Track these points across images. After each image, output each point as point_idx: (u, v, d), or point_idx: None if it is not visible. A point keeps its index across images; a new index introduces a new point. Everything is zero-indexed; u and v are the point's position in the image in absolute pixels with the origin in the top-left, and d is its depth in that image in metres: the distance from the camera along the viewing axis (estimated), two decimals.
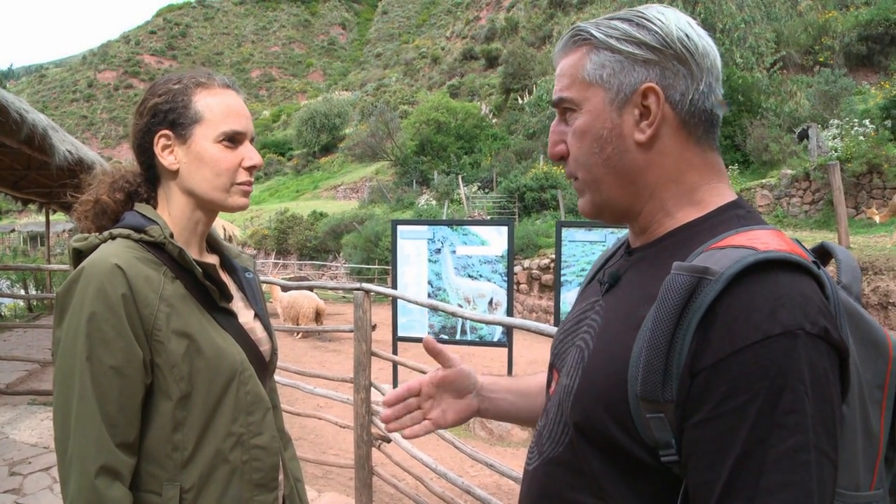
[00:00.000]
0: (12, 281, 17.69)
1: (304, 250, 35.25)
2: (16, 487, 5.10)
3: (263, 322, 1.80)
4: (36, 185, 13.86)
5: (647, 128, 1.07)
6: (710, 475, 0.87)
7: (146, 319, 1.46)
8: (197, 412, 1.51)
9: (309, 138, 67.94)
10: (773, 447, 0.84)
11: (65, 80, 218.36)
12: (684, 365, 0.90)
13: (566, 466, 1.09)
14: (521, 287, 19.34)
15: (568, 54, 1.16)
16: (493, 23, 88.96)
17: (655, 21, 1.08)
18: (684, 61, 1.07)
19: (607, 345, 1.05)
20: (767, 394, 0.84)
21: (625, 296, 1.11)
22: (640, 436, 0.95)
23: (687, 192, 1.10)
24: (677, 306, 0.91)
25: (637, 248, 1.17)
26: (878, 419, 0.98)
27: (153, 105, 1.60)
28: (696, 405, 0.89)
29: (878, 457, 0.98)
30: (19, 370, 8.76)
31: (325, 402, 7.59)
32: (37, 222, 46.96)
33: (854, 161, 17.10)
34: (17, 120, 7.39)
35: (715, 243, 0.99)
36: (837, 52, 28.89)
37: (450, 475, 4.11)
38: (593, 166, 1.12)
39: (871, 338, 0.99)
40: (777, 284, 0.89)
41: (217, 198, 1.62)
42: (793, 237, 1.02)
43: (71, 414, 1.39)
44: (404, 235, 8.95)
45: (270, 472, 1.64)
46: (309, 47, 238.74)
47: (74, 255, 1.55)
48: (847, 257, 1.12)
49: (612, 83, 1.09)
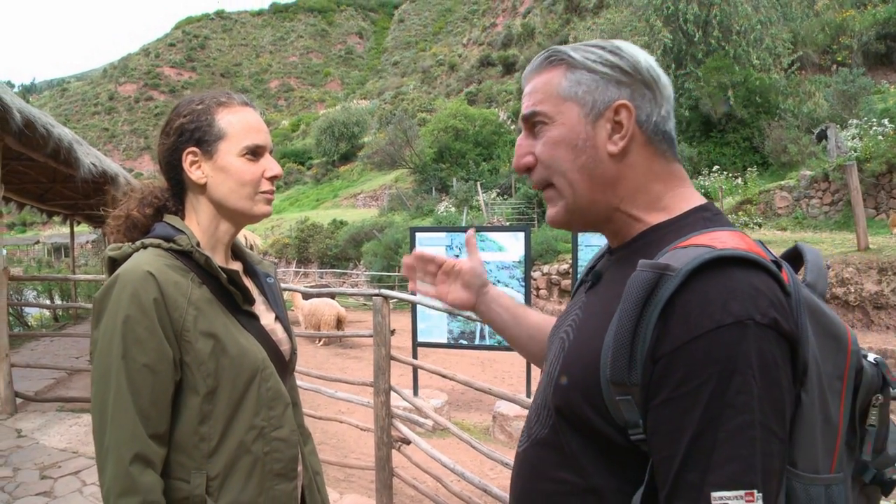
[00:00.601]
0: (38, 291, 17.93)
1: (324, 258, 35.36)
2: (47, 490, 5.23)
3: (284, 324, 1.92)
4: (61, 197, 14.07)
5: (620, 140, 1.19)
6: (670, 451, 0.98)
7: (176, 321, 1.58)
8: (222, 406, 1.63)
9: (328, 147, 68.24)
10: (724, 425, 0.94)
11: (86, 94, 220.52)
12: (647, 351, 1.01)
13: (551, 447, 1.19)
14: (541, 292, 19.37)
15: (541, 73, 1.27)
16: (509, 29, 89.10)
17: (626, 51, 1.21)
18: (651, 87, 1.20)
19: (585, 336, 1.16)
20: (719, 377, 0.94)
21: (603, 292, 1.22)
22: (612, 417, 1.06)
23: (653, 199, 1.22)
24: (640, 299, 1.02)
25: (616, 249, 1.28)
26: (837, 408, 1.06)
27: (179, 125, 1.72)
28: (657, 388, 1.00)
29: (837, 442, 1.05)
30: (47, 378, 8.93)
31: (347, 408, 7.68)
32: (60, 234, 47.46)
33: (873, 161, 17.00)
34: (44, 134, 7.54)
35: (680, 243, 1.10)
36: (855, 51, 28.69)
37: (467, 475, 4.18)
38: (568, 172, 1.23)
39: (832, 332, 1.07)
40: (730, 279, 0.98)
41: (243, 207, 1.74)
42: (812, 238, 1.11)
43: (108, 408, 1.51)
44: (423, 242, 9.03)
45: (290, 462, 1.76)
46: (326, 57, 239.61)
47: (109, 264, 1.68)
48: (814, 257, 1.21)
49: (587, 99, 1.20)
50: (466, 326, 8.64)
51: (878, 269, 12.35)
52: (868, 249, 13.06)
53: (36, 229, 73.36)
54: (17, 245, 59.59)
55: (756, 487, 0.92)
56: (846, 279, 12.56)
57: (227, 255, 1.85)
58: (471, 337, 8.72)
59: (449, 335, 8.77)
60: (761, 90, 25.28)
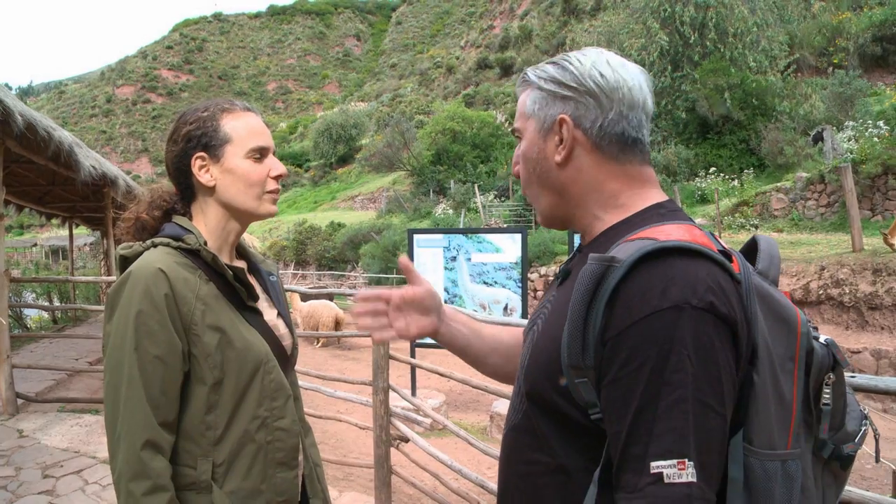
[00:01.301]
0: (37, 294, 17.95)
1: (322, 261, 35.36)
2: (49, 489, 5.29)
3: (285, 320, 2.02)
4: (60, 199, 14.13)
5: (562, 150, 1.32)
6: (618, 426, 1.07)
7: (185, 316, 1.68)
8: (227, 396, 1.73)
9: (326, 150, 68.21)
10: (662, 400, 1.02)
11: (84, 96, 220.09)
12: (597, 336, 1.10)
13: (525, 431, 1.29)
14: (538, 294, 19.39)
15: (520, 93, 1.42)
16: (507, 31, 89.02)
17: (574, 62, 1.31)
18: (594, 95, 1.28)
19: (550, 327, 1.26)
20: (657, 357, 1.03)
21: (568, 287, 1.29)
22: (574, 399, 1.15)
23: (609, 198, 1.32)
24: (590, 289, 1.11)
25: (583, 247, 1.38)
26: (790, 387, 1.12)
27: (187, 132, 1.82)
28: (606, 369, 1.09)
29: (792, 420, 1.12)
30: (48, 379, 8.95)
31: (346, 407, 7.73)
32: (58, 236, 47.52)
33: (869, 163, 17.07)
34: (45, 137, 7.59)
35: (629, 237, 1.19)
36: (852, 53, 28.73)
37: (464, 471, 4.24)
38: (531, 184, 1.41)
39: (782, 315, 1.14)
40: (670, 267, 1.07)
41: (250, 206, 1.84)
42: (808, 240, 1.19)
43: (120, 397, 1.61)
44: (421, 244, 9.10)
45: (291, 451, 1.86)
46: (324, 59, 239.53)
47: (121, 262, 1.78)
48: (767, 246, 1.29)
49: (540, 115, 1.35)
50: None
51: (872, 270, 12.42)
52: (863, 251, 13.14)
53: (33, 232, 73.37)
54: (15, 248, 59.55)
55: (688, 457, 1.00)
56: (841, 280, 12.63)
57: (232, 254, 1.94)
58: None
59: None
60: (758, 92, 25.33)
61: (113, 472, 1.62)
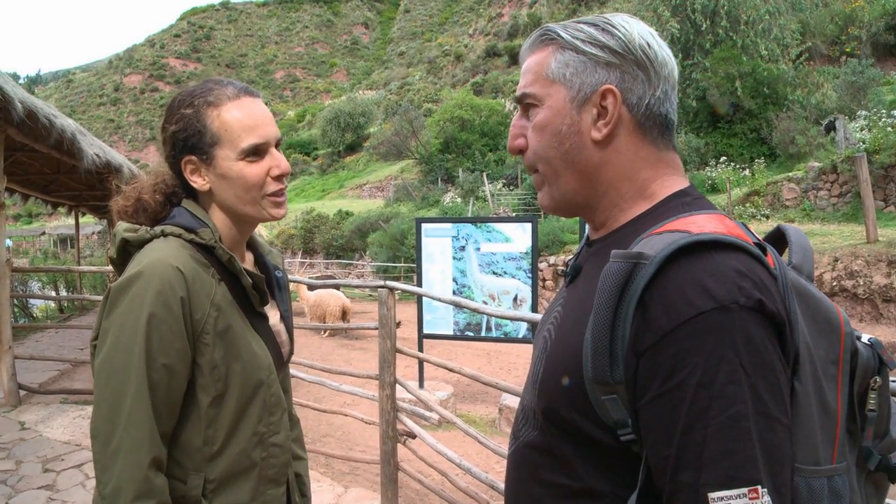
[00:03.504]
0: (44, 283, 17.94)
1: (330, 249, 35.33)
2: (49, 483, 5.20)
3: (287, 324, 1.87)
4: (65, 188, 14.05)
5: (604, 127, 1.13)
6: (664, 451, 0.92)
7: (196, 323, 1.52)
8: (228, 411, 1.58)
9: (334, 138, 68.14)
10: (714, 418, 0.87)
11: (91, 85, 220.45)
12: (628, 346, 0.95)
13: (539, 449, 1.14)
14: (547, 283, 19.30)
15: (534, 52, 1.21)
16: (515, 19, 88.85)
17: (620, 28, 1.13)
18: (644, 67, 1.13)
19: (565, 335, 1.11)
20: (705, 367, 0.89)
21: (582, 287, 1.16)
22: (599, 418, 1.00)
23: (640, 187, 1.16)
24: (615, 292, 0.96)
25: (595, 241, 1.22)
26: (834, 394, 1.00)
27: (172, 134, 1.64)
28: (644, 385, 0.94)
29: (837, 431, 1.00)
30: (51, 370, 8.90)
31: (352, 400, 7.64)
32: (66, 225, 47.57)
33: (882, 153, 16.86)
34: (47, 125, 7.49)
35: (654, 230, 1.04)
36: (864, 42, 28.46)
37: (474, 470, 4.14)
38: (552, 159, 1.18)
39: (822, 315, 1.02)
40: (709, 262, 0.93)
41: (250, 212, 1.66)
42: (820, 230, 1.05)
43: (122, 407, 1.44)
44: (429, 233, 8.99)
45: (282, 468, 1.74)
46: (332, 47, 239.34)
47: (122, 245, 1.59)
48: (799, 238, 1.16)
49: (574, 82, 1.14)
50: (473, 318, 8.59)
51: (887, 262, 12.24)
52: (877, 242, 12.96)
53: (42, 220, 73.50)
54: (23, 236, 59.78)
55: (759, 483, 0.86)
56: (855, 272, 12.47)
57: (243, 249, 1.79)
58: (477, 329, 8.67)
59: (455, 327, 8.72)
60: (769, 81, 25.08)
61: (103, 484, 1.44)
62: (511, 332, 8.58)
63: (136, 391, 1.44)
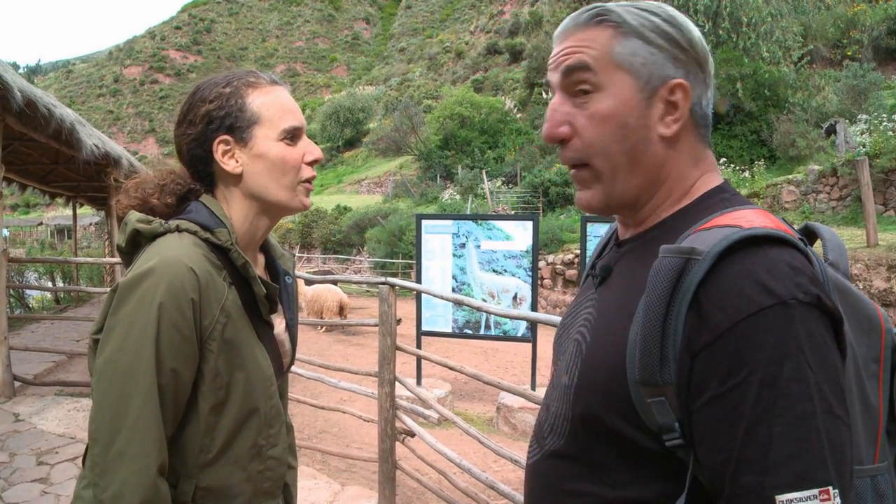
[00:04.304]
0: (40, 273, 17.88)
1: (328, 244, 35.36)
2: (43, 477, 5.15)
3: (291, 332, 1.80)
4: (63, 178, 14.00)
5: (673, 123, 1.08)
6: (723, 455, 0.88)
7: (204, 328, 1.46)
8: (228, 421, 1.52)
9: (333, 133, 68.30)
10: (780, 417, 0.84)
11: (91, 76, 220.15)
12: (681, 345, 0.91)
13: (569, 458, 1.09)
14: (546, 282, 19.27)
15: (588, 30, 1.11)
16: (517, 17, 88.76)
17: (682, 22, 1.09)
18: (702, 67, 1.11)
19: (604, 336, 1.06)
20: (767, 365, 0.85)
21: (617, 287, 1.11)
22: (643, 422, 0.96)
23: (687, 186, 1.12)
24: (667, 288, 0.92)
25: (627, 240, 1.17)
26: (875, 392, 0.99)
27: (206, 112, 1.55)
28: (700, 386, 0.90)
29: (880, 429, 0.98)
30: (47, 361, 8.85)
31: (349, 396, 7.59)
32: (63, 216, 47.55)
33: (882, 157, 16.86)
34: (46, 115, 7.45)
35: (701, 226, 1.01)
36: (866, 45, 28.47)
37: (473, 470, 4.10)
38: (614, 154, 1.09)
39: (863, 312, 1.01)
40: (765, 258, 0.90)
41: (283, 198, 1.59)
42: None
43: (128, 410, 1.38)
44: (429, 230, 8.95)
45: (278, 481, 1.68)
46: (333, 42, 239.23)
47: (132, 236, 1.52)
48: (832, 236, 1.15)
49: (643, 73, 1.07)
50: (472, 316, 8.55)
51: (887, 266, 12.22)
52: (878, 246, 12.94)
53: (39, 211, 73.45)
54: (21, 226, 59.67)
55: (830, 483, 0.82)
56: (855, 275, 12.44)
57: (256, 252, 1.72)
58: (475, 327, 8.63)
59: (454, 324, 8.68)
60: (770, 83, 25.09)
61: (101, 488, 1.37)
62: (510, 331, 8.54)
63: (144, 395, 1.39)
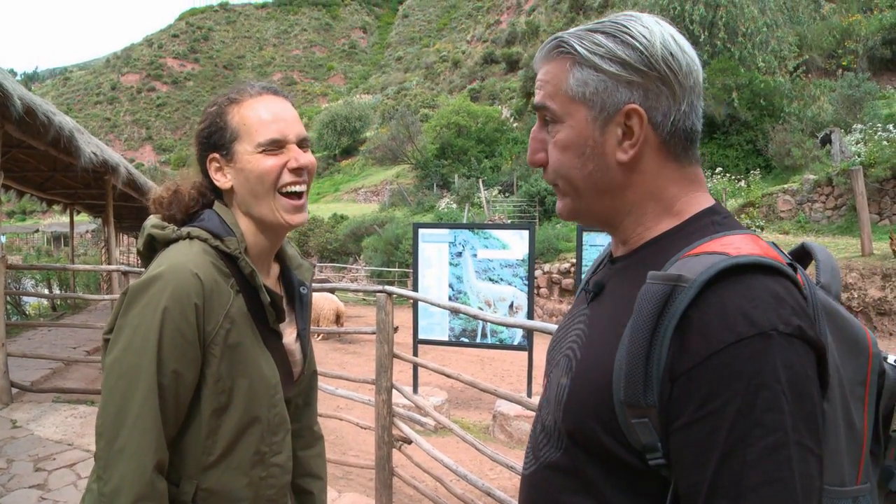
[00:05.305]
0: (37, 280, 17.87)
1: (324, 252, 35.33)
2: (41, 483, 5.16)
3: (303, 342, 1.83)
4: (61, 186, 14.02)
5: (630, 148, 1.08)
6: (697, 477, 0.90)
7: (208, 333, 1.51)
8: (230, 425, 1.56)
9: (330, 141, 68.28)
10: (753, 446, 0.86)
11: (88, 83, 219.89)
12: (664, 370, 0.93)
13: (563, 471, 1.11)
14: (542, 291, 19.31)
15: (550, 62, 1.14)
16: (513, 27, 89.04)
17: (640, 39, 1.07)
18: (668, 82, 1.07)
19: (593, 354, 1.08)
20: (745, 394, 0.87)
21: (608, 305, 1.13)
22: (628, 441, 0.98)
23: (666, 206, 1.12)
24: (653, 314, 0.95)
25: (619, 258, 1.19)
26: (860, 414, 1.00)
27: (198, 132, 1.67)
28: (678, 409, 0.92)
29: (863, 451, 0.99)
30: (44, 368, 8.85)
31: (346, 404, 7.61)
32: (60, 223, 47.43)
33: (877, 166, 16.95)
34: (45, 122, 7.47)
35: (690, 251, 1.02)
36: (861, 55, 28.60)
37: (470, 477, 4.12)
38: (575, 179, 1.13)
39: (851, 336, 1.01)
40: (749, 287, 0.92)
41: (264, 213, 1.62)
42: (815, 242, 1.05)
43: (129, 407, 1.43)
44: (426, 238, 8.98)
45: (282, 489, 1.71)
46: (330, 51, 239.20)
47: (148, 241, 1.60)
48: (826, 257, 1.14)
49: (596, 102, 1.08)
50: (468, 324, 8.57)
51: (881, 275, 12.28)
52: (872, 255, 13.00)
53: (36, 218, 73.41)
54: (17, 233, 59.59)
55: None
56: (850, 284, 12.49)
57: (270, 262, 1.77)
58: (472, 335, 8.65)
59: (450, 333, 8.71)
60: (766, 93, 25.21)
61: (104, 482, 1.43)
62: (506, 339, 8.57)
63: (145, 395, 1.44)
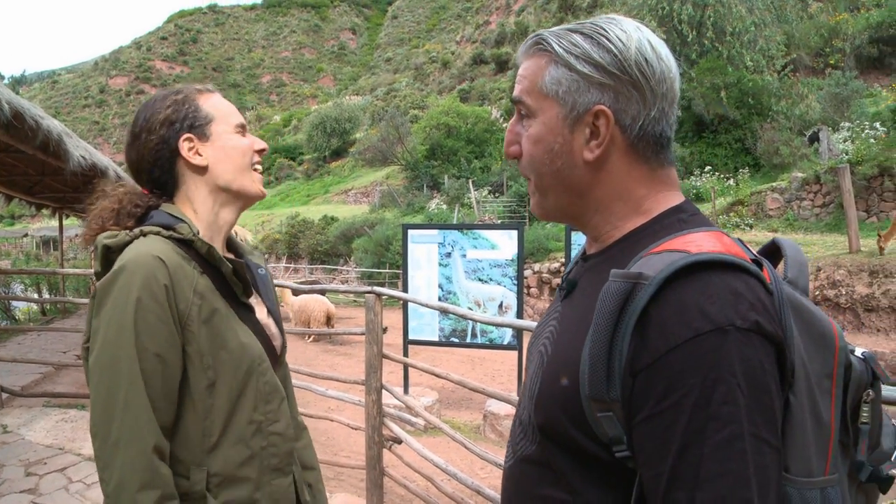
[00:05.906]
0: (26, 285, 17.79)
1: (315, 254, 35.27)
2: (32, 488, 5.16)
3: (275, 317, 1.88)
4: (50, 190, 13.93)
5: (596, 148, 1.11)
6: (657, 469, 0.93)
7: (182, 311, 1.53)
8: (222, 400, 1.59)
9: (319, 143, 68.14)
10: (710, 438, 0.88)
11: (77, 86, 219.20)
12: (625, 365, 0.96)
13: (537, 464, 1.14)
14: (532, 291, 19.35)
15: (530, 58, 1.19)
16: (502, 27, 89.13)
17: (616, 42, 1.09)
18: (639, 87, 1.09)
19: (562, 350, 1.11)
20: (701, 388, 0.89)
21: (578, 302, 1.16)
22: (596, 434, 1.01)
23: (634, 206, 1.14)
24: (614, 311, 0.97)
25: (591, 255, 1.22)
26: (827, 407, 1.01)
27: (165, 117, 1.71)
28: (639, 404, 0.95)
29: (831, 443, 1.01)
30: (34, 373, 8.83)
31: (337, 405, 7.63)
32: (49, 227, 47.24)
33: (865, 164, 17.06)
34: (33, 126, 7.43)
35: (653, 248, 1.04)
36: (848, 54, 28.80)
37: (460, 476, 4.14)
38: (543, 175, 1.17)
39: (818, 330, 1.02)
40: (708, 284, 0.94)
41: (246, 184, 1.78)
42: (803, 240, 1.07)
43: (116, 399, 1.45)
44: (415, 239, 9.00)
45: (286, 457, 1.73)
46: (319, 52, 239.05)
47: (104, 252, 1.59)
48: (794, 252, 1.15)
49: (567, 100, 1.11)
50: (458, 324, 8.60)
51: (868, 272, 12.36)
52: (860, 252, 13.08)
53: (24, 222, 72.94)
54: (6, 238, 59.25)
55: (751, 502, 0.87)
56: (837, 281, 12.58)
57: (224, 245, 1.82)
58: (462, 335, 8.68)
59: (440, 333, 8.73)
60: (754, 92, 25.30)
61: (107, 482, 1.44)
62: (496, 339, 8.60)
63: (129, 381, 1.45)
